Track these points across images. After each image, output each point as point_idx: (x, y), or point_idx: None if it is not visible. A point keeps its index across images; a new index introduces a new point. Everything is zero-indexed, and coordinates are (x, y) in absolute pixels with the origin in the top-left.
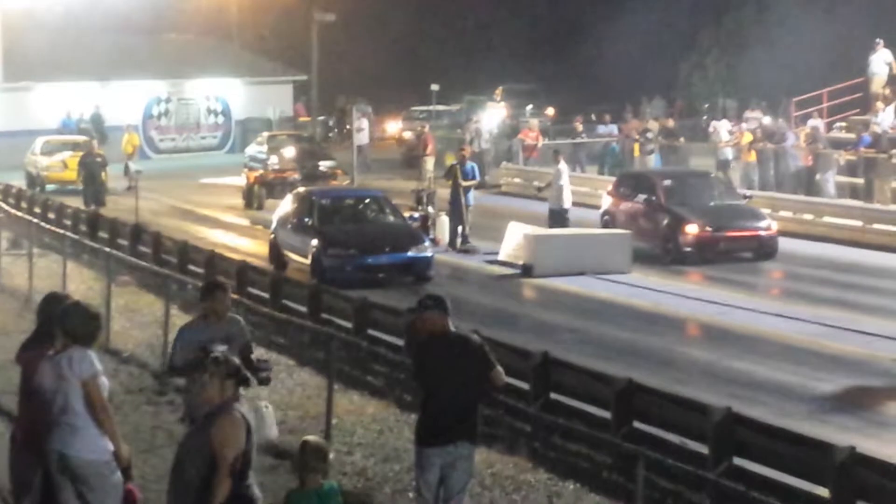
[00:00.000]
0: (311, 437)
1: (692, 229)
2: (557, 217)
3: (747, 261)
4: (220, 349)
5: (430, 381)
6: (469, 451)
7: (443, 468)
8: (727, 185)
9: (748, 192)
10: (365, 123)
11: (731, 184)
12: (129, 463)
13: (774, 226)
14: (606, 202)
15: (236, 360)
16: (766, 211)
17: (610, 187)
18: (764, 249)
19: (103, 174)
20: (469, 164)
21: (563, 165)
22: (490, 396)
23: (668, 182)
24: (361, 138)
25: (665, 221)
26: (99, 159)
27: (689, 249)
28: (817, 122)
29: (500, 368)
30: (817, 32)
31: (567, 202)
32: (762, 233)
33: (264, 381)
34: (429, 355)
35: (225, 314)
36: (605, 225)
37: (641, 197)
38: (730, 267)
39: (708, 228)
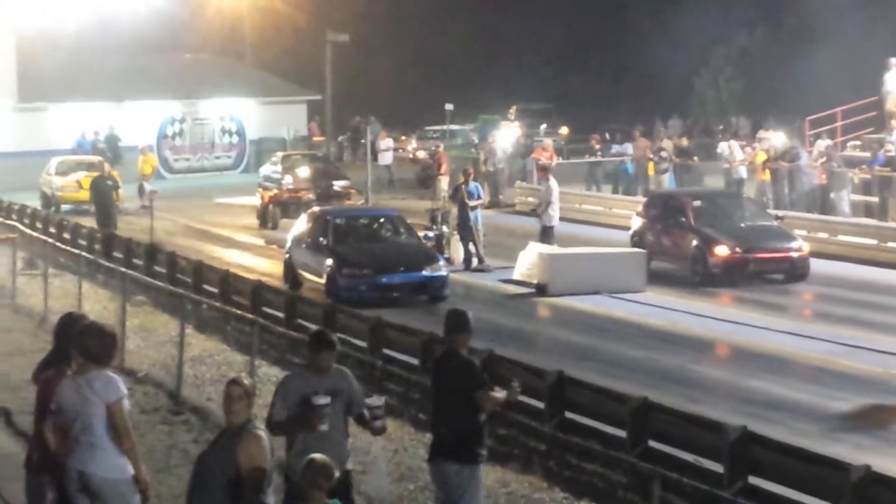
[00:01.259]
0: (317, 455)
1: (722, 251)
2: (548, 233)
3: (776, 282)
4: (322, 401)
5: (433, 399)
6: (455, 469)
7: (440, 486)
8: (758, 205)
9: (780, 213)
10: (390, 143)
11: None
12: (147, 486)
13: (806, 247)
14: (636, 223)
15: (249, 381)
16: None
17: (640, 208)
18: (795, 271)
19: (115, 195)
20: (473, 185)
21: (553, 182)
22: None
23: (697, 203)
24: (386, 158)
25: (694, 242)
26: (110, 182)
27: (718, 271)
28: (826, 142)
29: (491, 393)
30: (831, 51)
31: (555, 219)
32: (793, 254)
33: (379, 431)
34: (434, 373)
35: (329, 370)
36: (635, 246)
37: (671, 218)
38: (745, 286)
39: (738, 250)
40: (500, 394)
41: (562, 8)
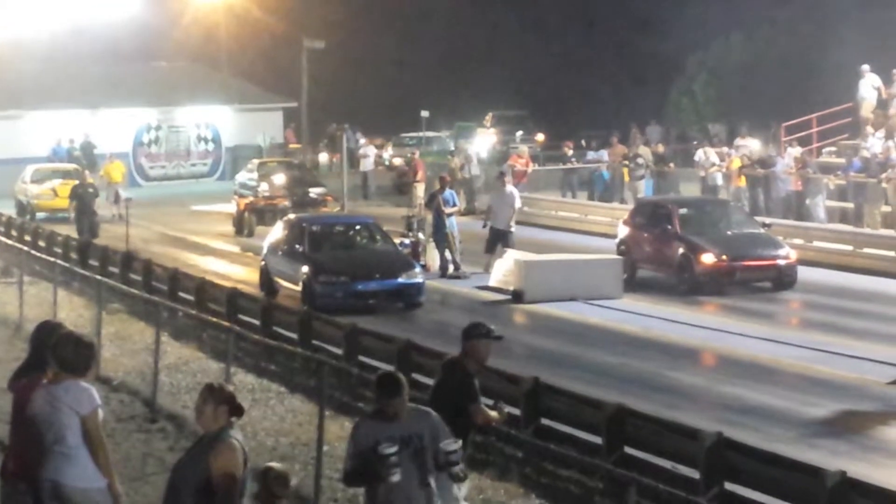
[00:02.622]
0: (274, 464)
1: (708, 259)
2: (504, 236)
3: (763, 291)
4: (388, 450)
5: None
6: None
7: None
8: (746, 213)
9: (767, 221)
10: (371, 150)
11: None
12: (120, 497)
13: (794, 255)
14: (622, 231)
15: (229, 387)
16: None
17: (626, 216)
18: (783, 279)
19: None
20: (448, 192)
21: (510, 188)
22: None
23: (684, 210)
24: (366, 164)
25: (681, 250)
26: (91, 189)
27: (704, 279)
28: (796, 150)
29: (481, 406)
30: (805, 57)
31: (512, 223)
32: (781, 262)
33: (457, 479)
34: (438, 378)
35: (401, 415)
36: (621, 255)
37: (657, 226)
38: (727, 294)
39: (724, 258)
40: (491, 413)
41: (538, 15)
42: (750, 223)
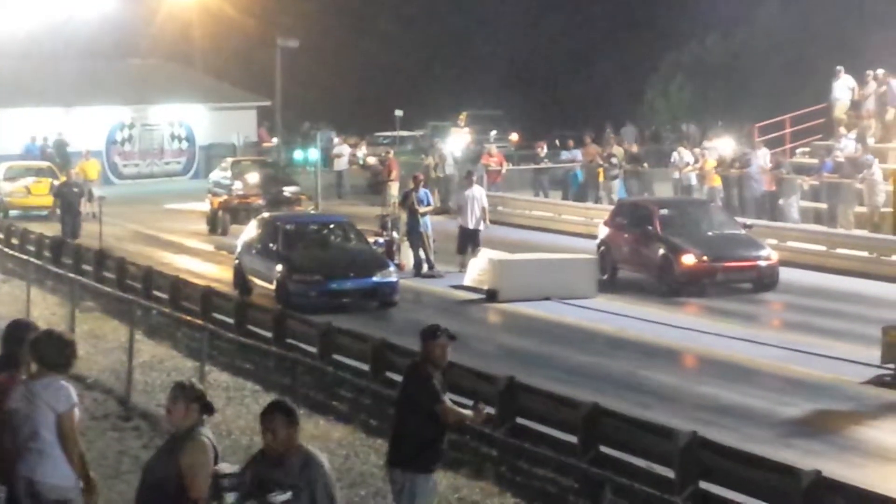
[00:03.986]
0: (223, 465)
1: (688, 259)
2: (473, 235)
3: (740, 291)
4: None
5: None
6: (399, 477)
7: (395, 493)
8: (727, 214)
9: (748, 222)
10: (345, 150)
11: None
12: (95, 491)
13: (774, 255)
14: (603, 232)
15: (200, 386)
16: None
17: (606, 217)
18: (763, 280)
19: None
20: (422, 191)
21: (478, 187)
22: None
23: (664, 211)
24: (340, 164)
25: (661, 251)
26: (76, 189)
27: (685, 280)
28: (763, 151)
29: (448, 405)
30: (780, 58)
31: (482, 223)
32: (761, 262)
33: None
34: (401, 383)
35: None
36: (602, 255)
37: (638, 227)
38: (705, 295)
39: (705, 258)
40: (466, 410)
41: (513, 14)
42: (731, 224)
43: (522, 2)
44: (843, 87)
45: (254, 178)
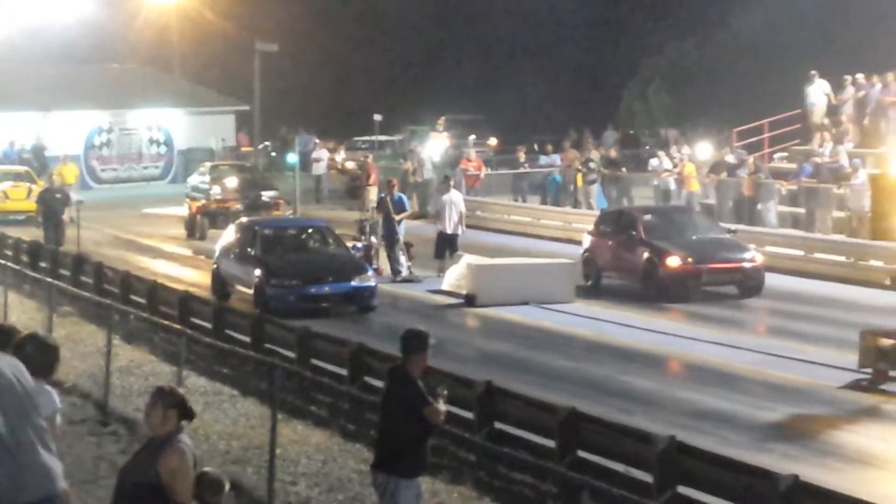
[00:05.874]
0: (208, 469)
1: (673, 262)
2: (451, 240)
3: (719, 296)
4: None
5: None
6: (384, 481)
7: (379, 496)
8: (711, 219)
9: (732, 226)
10: (324, 154)
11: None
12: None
13: (759, 258)
14: (587, 241)
15: (179, 391)
16: None
17: (591, 226)
18: (749, 282)
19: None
20: (397, 196)
21: (455, 192)
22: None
23: (648, 217)
24: (319, 168)
25: (645, 255)
26: (59, 195)
27: (670, 282)
28: (730, 156)
29: (436, 406)
30: (759, 63)
31: (460, 228)
32: (746, 265)
33: None
34: (385, 386)
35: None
36: (587, 263)
37: (622, 233)
38: (680, 296)
39: (690, 261)
40: (440, 405)
41: (493, 18)
42: (715, 228)
43: (499, 7)
44: (818, 92)
45: (232, 182)
